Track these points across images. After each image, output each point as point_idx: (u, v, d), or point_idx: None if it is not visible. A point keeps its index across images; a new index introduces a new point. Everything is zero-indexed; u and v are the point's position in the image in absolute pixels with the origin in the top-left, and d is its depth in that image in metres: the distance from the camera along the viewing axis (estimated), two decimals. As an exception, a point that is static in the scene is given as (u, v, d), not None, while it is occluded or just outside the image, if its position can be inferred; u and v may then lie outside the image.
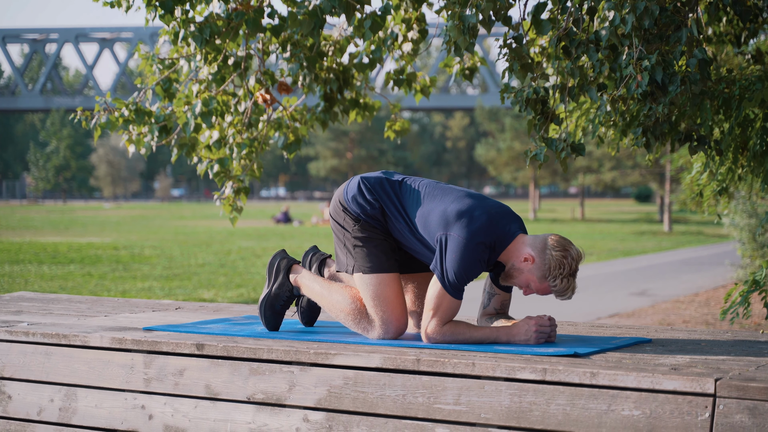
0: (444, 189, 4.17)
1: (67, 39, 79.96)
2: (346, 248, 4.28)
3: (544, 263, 3.96)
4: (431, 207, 4.10)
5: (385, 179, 4.28)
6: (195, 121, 6.49)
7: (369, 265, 4.21)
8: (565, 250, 3.95)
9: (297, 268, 4.52)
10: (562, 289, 3.97)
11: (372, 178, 4.29)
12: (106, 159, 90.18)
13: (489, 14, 5.00)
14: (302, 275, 4.48)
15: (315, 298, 4.41)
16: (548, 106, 5.20)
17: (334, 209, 4.34)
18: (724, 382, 3.23)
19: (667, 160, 27.78)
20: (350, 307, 4.25)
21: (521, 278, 4.02)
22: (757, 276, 5.19)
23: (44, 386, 4.39)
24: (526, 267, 3.99)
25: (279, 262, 4.53)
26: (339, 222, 4.31)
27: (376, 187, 4.24)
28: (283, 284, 4.49)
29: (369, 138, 73.56)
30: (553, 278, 3.95)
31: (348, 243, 4.27)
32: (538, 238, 4.00)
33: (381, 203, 4.22)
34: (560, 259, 3.94)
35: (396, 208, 4.20)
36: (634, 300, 15.14)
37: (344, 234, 4.28)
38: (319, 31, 5.91)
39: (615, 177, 50.55)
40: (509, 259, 4.03)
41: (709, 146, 5.23)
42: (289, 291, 4.49)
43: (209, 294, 15.76)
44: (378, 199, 4.22)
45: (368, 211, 4.22)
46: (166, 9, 6.04)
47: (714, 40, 6.06)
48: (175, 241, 31.11)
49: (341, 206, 4.30)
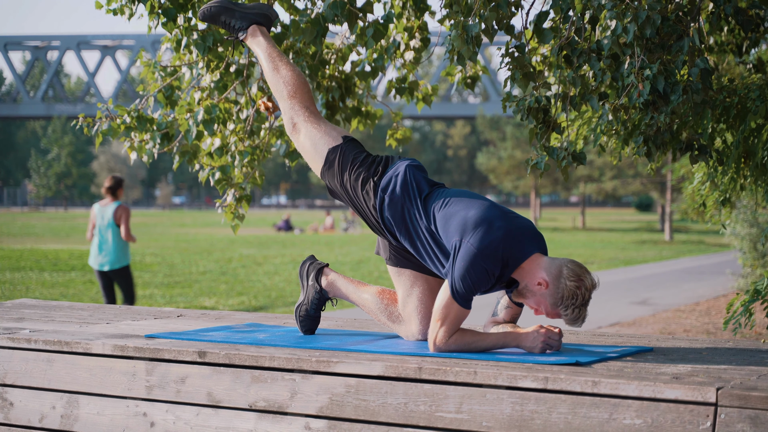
0: (472, 196, 4.17)
1: (69, 46, 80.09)
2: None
3: (557, 291, 3.92)
4: (455, 210, 4.08)
5: (422, 179, 4.30)
6: (197, 129, 6.49)
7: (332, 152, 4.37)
8: (580, 280, 3.91)
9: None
10: (572, 318, 3.95)
11: (414, 170, 4.30)
12: (108, 166, 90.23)
13: (492, 23, 5.01)
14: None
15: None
16: (550, 115, 5.20)
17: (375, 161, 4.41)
18: (725, 391, 3.23)
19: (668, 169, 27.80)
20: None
21: (533, 300, 4.00)
22: (759, 286, 5.19)
23: (46, 393, 4.39)
24: (539, 291, 3.96)
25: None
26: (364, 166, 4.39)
27: (412, 181, 4.26)
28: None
29: (370, 146, 73.60)
30: (565, 307, 3.93)
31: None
32: (554, 263, 3.95)
33: (406, 197, 4.23)
34: (574, 290, 3.90)
35: (419, 206, 4.19)
36: (635, 309, 15.14)
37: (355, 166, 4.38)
38: (321, 39, 5.92)
39: (616, 186, 50.59)
40: (523, 279, 4.00)
41: (710, 156, 5.24)
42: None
43: (210, 302, 15.77)
44: (407, 191, 4.23)
45: (395, 195, 4.24)
46: (168, 17, 6.05)
47: (715, 50, 6.06)
48: (176, 248, 31.12)
49: (382, 165, 4.36)
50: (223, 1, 4.69)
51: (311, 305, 4.58)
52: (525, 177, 54.71)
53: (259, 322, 5.08)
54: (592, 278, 3.96)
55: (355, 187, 4.36)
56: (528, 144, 5.28)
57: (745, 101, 5.34)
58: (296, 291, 17.35)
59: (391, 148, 7.33)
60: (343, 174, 4.39)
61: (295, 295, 16.65)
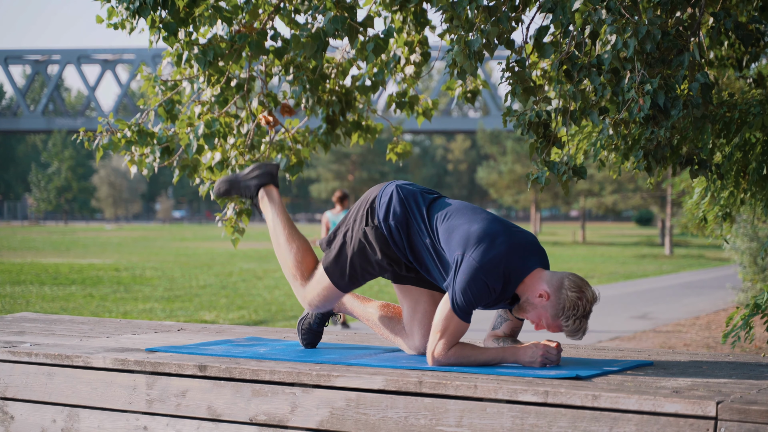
0: (474, 209, 4.18)
1: (69, 60, 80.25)
2: (336, 234, 4.37)
3: (558, 302, 3.94)
4: (458, 223, 4.10)
5: (418, 192, 4.31)
6: (197, 143, 6.51)
7: (335, 267, 4.33)
8: (581, 291, 3.94)
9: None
10: (573, 330, 3.97)
11: (407, 189, 4.32)
12: (108, 180, 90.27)
13: (493, 38, 5.02)
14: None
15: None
16: (550, 130, 5.21)
17: (360, 206, 4.38)
18: (725, 405, 3.23)
19: (668, 183, 27.82)
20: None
21: (534, 313, 4.01)
22: (759, 300, 5.19)
23: (47, 407, 4.39)
24: (540, 303, 3.98)
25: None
26: (354, 215, 4.37)
27: (409, 198, 4.27)
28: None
29: (371, 160, 73.59)
30: (566, 318, 3.95)
31: (341, 233, 4.36)
32: (555, 275, 3.98)
33: (409, 215, 4.23)
34: (575, 301, 3.92)
35: (423, 223, 4.20)
36: (635, 323, 15.13)
37: (349, 225, 4.35)
38: (322, 53, 5.93)
39: (616, 200, 50.58)
40: (524, 292, 4.01)
41: (711, 170, 5.24)
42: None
43: (210, 316, 15.75)
44: (408, 210, 4.24)
45: (398, 216, 4.24)
46: (169, 31, 6.07)
47: (716, 64, 6.08)
48: (176, 262, 31.11)
49: (369, 204, 4.33)
50: (228, 177, 4.80)
51: (315, 319, 4.60)
52: (525, 191, 54.74)
53: (260, 336, 5.08)
54: (593, 291, 3.99)
55: (362, 251, 4.34)
56: (528, 158, 5.28)
57: (745, 116, 5.35)
58: (296, 305, 17.34)
59: (392, 161, 7.35)
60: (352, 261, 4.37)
61: (295, 310, 16.63)
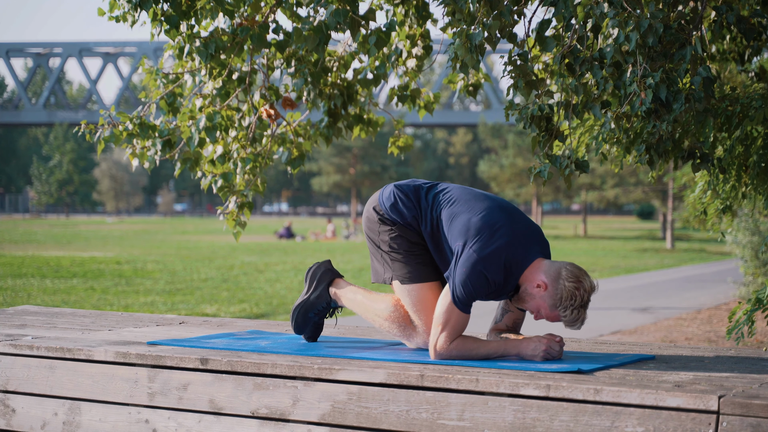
0: (477, 195, 4.18)
1: (70, 53, 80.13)
2: (383, 258, 4.32)
3: (556, 292, 3.95)
4: (459, 210, 4.10)
5: (419, 186, 4.32)
6: (199, 136, 6.51)
7: (407, 274, 4.25)
8: (579, 281, 3.93)
9: (339, 282, 4.56)
10: (571, 320, 3.97)
11: (405, 186, 4.32)
12: (109, 173, 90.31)
13: (495, 32, 5.02)
14: (344, 289, 4.53)
15: (357, 309, 4.46)
16: (552, 123, 5.21)
17: (368, 220, 4.36)
18: (727, 399, 3.23)
19: (670, 177, 27.79)
20: (394, 314, 4.30)
21: (532, 303, 4.02)
22: (760, 294, 5.19)
23: (48, 400, 4.39)
24: (538, 293, 3.98)
25: (322, 272, 4.58)
26: (374, 232, 4.34)
27: (411, 195, 4.27)
28: (322, 295, 4.54)
29: (372, 154, 73.55)
30: (564, 308, 3.95)
31: (384, 253, 4.30)
32: (554, 265, 3.98)
33: (418, 209, 4.24)
34: (572, 290, 3.93)
35: (430, 214, 4.21)
36: (637, 317, 15.12)
37: (380, 244, 4.32)
38: (323, 46, 5.93)
39: (618, 194, 50.54)
40: (523, 282, 4.02)
41: (712, 164, 5.24)
42: (326, 302, 4.55)
43: (212, 309, 15.76)
44: (414, 206, 4.24)
45: (406, 218, 4.24)
46: (171, 24, 6.06)
47: (718, 58, 6.07)
48: (177, 255, 31.12)
49: (377, 214, 4.32)
50: (295, 307, 4.58)
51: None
52: (527, 185, 54.70)
53: (261, 330, 5.08)
54: (591, 281, 3.98)
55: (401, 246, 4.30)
56: (530, 152, 5.28)
57: (747, 110, 5.34)
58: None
59: (393, 155, 7.35)
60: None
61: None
